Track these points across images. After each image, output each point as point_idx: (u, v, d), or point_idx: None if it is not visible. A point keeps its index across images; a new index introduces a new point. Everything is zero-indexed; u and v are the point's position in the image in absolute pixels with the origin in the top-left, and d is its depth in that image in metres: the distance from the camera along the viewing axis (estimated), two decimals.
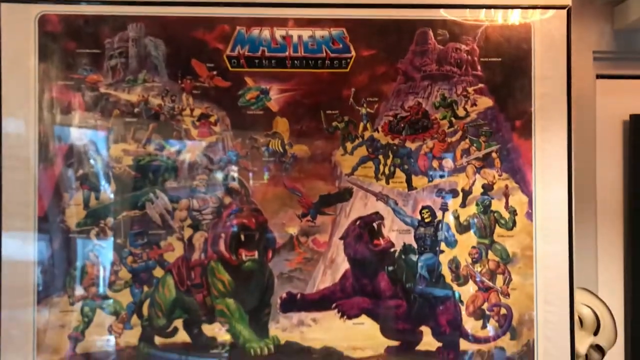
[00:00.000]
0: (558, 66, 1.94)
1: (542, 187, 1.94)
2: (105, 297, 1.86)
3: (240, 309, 1.87)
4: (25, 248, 1.82)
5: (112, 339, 1.85)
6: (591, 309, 2.01)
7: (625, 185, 2.22)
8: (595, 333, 2.03)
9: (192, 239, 1.88)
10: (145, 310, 1.86)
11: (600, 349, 2.02)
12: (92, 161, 1.86)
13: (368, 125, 1.92)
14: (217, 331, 1.88)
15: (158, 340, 1.87)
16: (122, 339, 1.86)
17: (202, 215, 1.88)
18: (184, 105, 1.88)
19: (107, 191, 1.87)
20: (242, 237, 1.88)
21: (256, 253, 1.88)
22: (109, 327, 1.86)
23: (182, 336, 1.87)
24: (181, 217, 1.88)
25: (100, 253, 1.86)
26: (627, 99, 2.25)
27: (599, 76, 2.22)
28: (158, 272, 1.87)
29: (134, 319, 1.86)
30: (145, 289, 1.87)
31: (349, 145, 1.92)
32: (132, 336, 1.86)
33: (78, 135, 1.86)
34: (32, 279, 1.83)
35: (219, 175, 1.89)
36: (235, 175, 1.90)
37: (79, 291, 1.85)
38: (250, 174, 1.90)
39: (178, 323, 1.88)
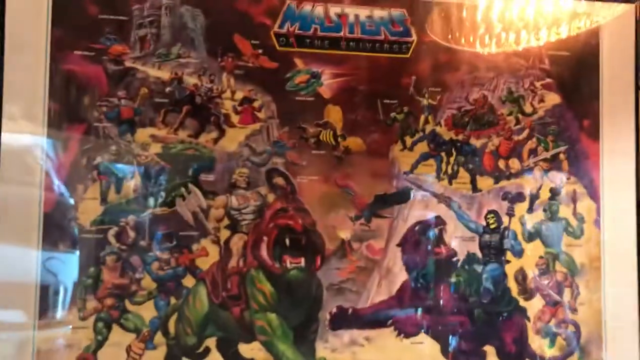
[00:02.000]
0: (626, 63, 1.82)
1: (610, 193, 1.80)
2: (124, 311, 1.54)
3: (283, 326, 1.60)
4: (27, 249, 1.49)
5: None
6: None
7: None
8: None
9: (230, 243, 1.60)
10: (171, 326, 1.57)
11: None
12: (113, 147, 1.56)
13: (430, 118, 1.73)
14: (257, 351, 1.59)
15: None
16: None
17: (242, 215, 1.62)
18: (224, 87, 1.63)
19: (130, 184, 1.57)
20: (287, 241, 1.62)
21: (303, 260, 1.63)
22: (128, 348, 1.54)
23: (215, 357, 1.58)
24: (217, 217, 1.60)
25: (120, 257, 1.54)
26: None
27: None
28: (188, 281, 1.58)
29: (158, 336, 1.56)
30: (173, 300, 1.57)
31: (408, 140, 1.71)
32: (155, 358, 1.55)
33: (97, 116, 1.56)
34: (33, 286, 1.49)
35: (262, 169, 1.63)
36: (281, 169, 1.64)
37: (92, 303, 1.53)
38: (298, 169, 1.65)
39: (210, 342, 1.59)
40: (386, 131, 1.70)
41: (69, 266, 1.52)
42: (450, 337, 1.69)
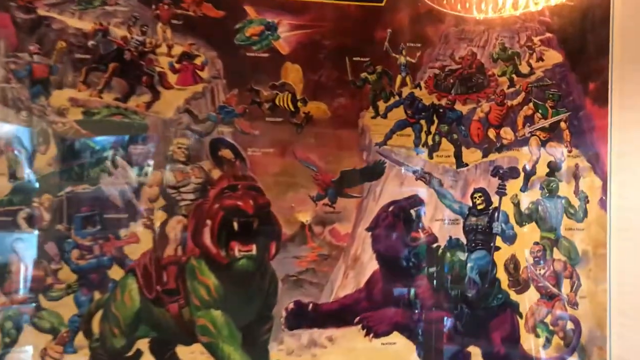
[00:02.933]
0: None
1: (619, 168, 1.57)
2: (38, 308, 1.32)
3: (230, 325, 1.38)
4: None
5: None
6: None
7: None
8: None
9: (166, 227, 1.38)
10: (95, 326, 1.36)
11: None
12: (23, 112, 1.32)
13: (407, 79, 1.50)
14: (198, 355, 1.38)
15: None
16: None
17: (181, 194, 1.39)
18: (159, 40, 1.40)
19: (44, 156, 1.32)
20: (236, 225, 1.38)
21: (254, 247, 1.40)
22: (42, 351, 1.33)
23: None
24: (151, 196, 1.38)
25: (31, 244, 1.32)
26: None
27: None
28: (115, 273, 1.37)
29: (79, 338, 1.36)
30: (97, 296, 1.36)
31: (381, 105, 1.49)
32: None
33: (4, 75, 1.32)
34: None
35: (206, 140, 1.40)
36: (228, 140, 1.40)
37: None
38: (249, 139, 1.42)
39: (142, 344, 1.38)
40: (355, 95, 1.48)
41: None
42: (429, 336, 1.48)
